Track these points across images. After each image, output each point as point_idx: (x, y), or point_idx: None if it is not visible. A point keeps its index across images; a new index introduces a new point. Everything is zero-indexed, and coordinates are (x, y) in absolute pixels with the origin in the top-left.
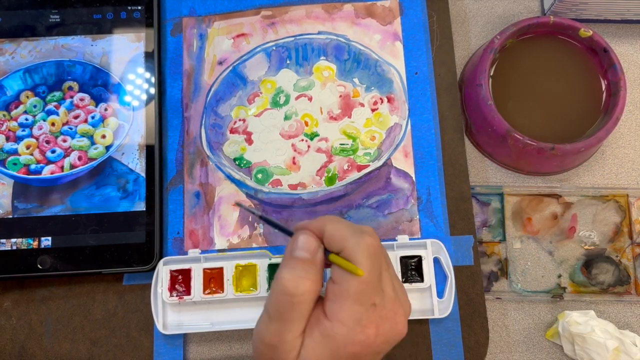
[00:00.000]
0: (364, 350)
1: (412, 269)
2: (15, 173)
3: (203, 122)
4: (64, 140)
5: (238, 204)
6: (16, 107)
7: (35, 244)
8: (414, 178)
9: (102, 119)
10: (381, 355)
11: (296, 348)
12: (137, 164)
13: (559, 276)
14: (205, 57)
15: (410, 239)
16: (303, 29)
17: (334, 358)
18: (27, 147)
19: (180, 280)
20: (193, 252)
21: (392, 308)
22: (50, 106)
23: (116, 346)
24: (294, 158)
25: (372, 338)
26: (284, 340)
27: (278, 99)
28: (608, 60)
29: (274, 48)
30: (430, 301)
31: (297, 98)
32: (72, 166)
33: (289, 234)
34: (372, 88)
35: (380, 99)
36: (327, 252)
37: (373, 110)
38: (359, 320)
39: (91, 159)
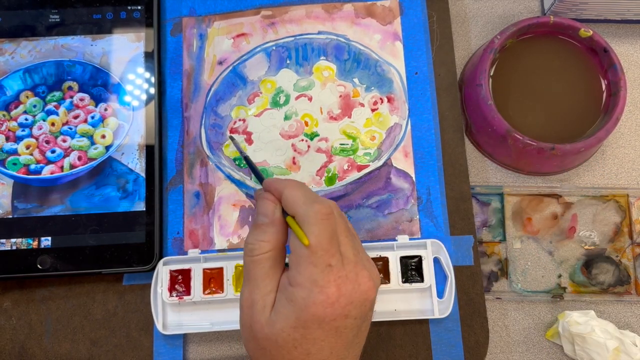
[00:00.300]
0: (327, 310)
1: (412, 269)
2: (15, 173)
3: (203, 122)
4: (64, 140)
5: (231, 138)
6: (16, 107)
7: (35, 244)
8: (414, 178)
9: (102, 119)
10: (352, 320)
11: (267, 309)
12: (137, 164)
13: (559, 276)
14: (205, 57)
15: (410, 239)
16: (303, 29)
17: (300, 321)
18: (27, 147)
19: (180, 281)
20: (193, 252)
21: (354, 269)
22: (50, 106)
23: (116, 346)
24: (294, 158)
25: (333, 297)
26: (255, 299)
27: (278, 99)
28: (608, 60)
29: (274, 48)
30: (430, 301)
31: (297, 98)
32: (72, 166)
33: (260, 180)
34: (372, 88)
35: (380, 99)
36: (286, 213)
37: (373, 110)
38: (315, 281)
39: (91, 159)
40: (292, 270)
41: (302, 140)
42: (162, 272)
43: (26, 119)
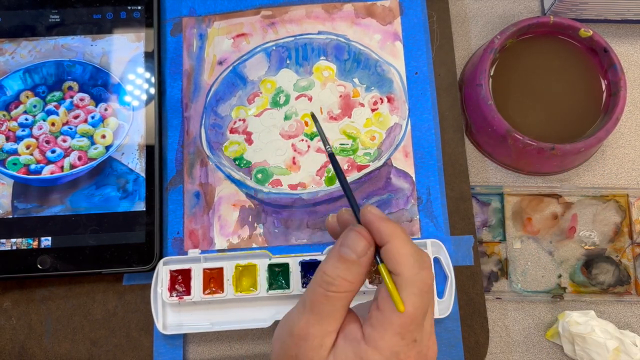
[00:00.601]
0: None
1: None
2: (15, 173)
3: (203, 122)
4: (64, 140)
5: (313, 115)
6: (16, 107)
7: (35, 244)
8: (414, 178)
9: (102, 119)
10: None
11: (324, 349)
12: (137, 164)
13: (559, 276)
14: (205, 57)
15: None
16: (303, 29)
17: None
18: (27, 147)
19: (180, 281)
20: (193, 252)
21: (427, 344)
22: (50, 106)
23: (116, 346)
24: (294, 158)
25: None
26: (312, 333)
27: (278, 99)
28: (608, 60)
29: (274, 48)
30: None
31: (297, 98)
32: (72, 166)
33: (355, 210)
34: (372, 88)
35: (380, 99)
36: (379, 256)
37: (373, 110)
38: (397, 353)
39: (91, 159)
40: (373, 331)
41: (302, 140)
42: (162, 272)
43: (26, 119)
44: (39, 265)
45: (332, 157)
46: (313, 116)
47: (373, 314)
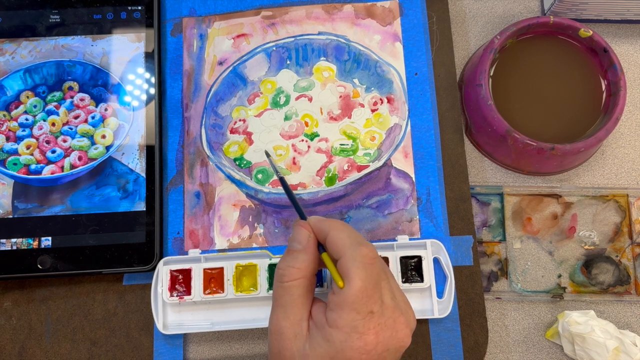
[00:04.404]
0: (363, 356)
1: (412, 269)
2: (15, 173)
3: (203, 122)
4: (64, 141)
5: (267, 154)
6: (16, 107)
7: (35, 244)
8: (413, 178)
9: (102, 119)
10: None
11: (299, 339)
12: (137, 164)
13: (559, 276)
14: (206, 57)
15: (410, 239)
16: (303, 30)
17: None
18: (27, 147)
19: (181, 280)
20: (193, 252)
21: (392, 316)
22: (51, 106)
23: (116, 346)
24: (294, 158)
25: (371, 345)
26: (284, 326)
27: (278, 99)
28: (608, 60)
29: (274, 48)
30: (430, 301)
31: (297, 98)
32: (72, 166)
33: (302, 216)
34: (372, 88)
35: (380, 99)
36: (322, 248)
37: (373, 110)
38: (356, 327)
39: (91, 159)
40: (332, 312)
41: (302, 140)
42: (163, 272)
43: (26, 119)
44: (39, 265)
45: (282, 180)
46: (267, 154)
47: (330, 298)
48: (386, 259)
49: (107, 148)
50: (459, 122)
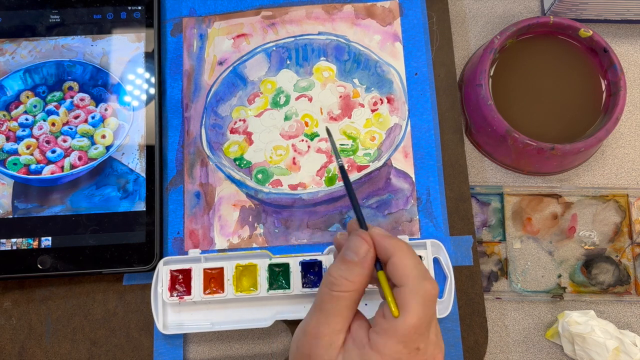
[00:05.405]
0: None
1: None
2: (15, 173)
3: (203, 122)
4: (64, 141)
5: (328, 132)
6: (16, 107)
7: (35, 244)
8: (413, 178)
9: (102, 119)
10: None
11: (333, 348)
12: (137, 164)
13: (559, 276)
14: (206, 57)
15: (410, 239)
16: (303, 30)
17: None
18: (27, 147)
19: (181, 280)
20: (193, 252)
21: (433, 352)
22: (51, 106)
23: (116, 346)
24: (294, 158)
25: None
26: (322, 332)
27: (278, 99)
28: (608, 60)
29: (274, 48)
30: None
31: (297, 98)
32: (72, 166)
33: (362, 224)
34: (372, 89)
35: (380, 99)
36: (379, 264)
37: (373, 110)
38: (399, 359)
39: (91, 159)
40: (378, 337)
41: (302, 140)
42: (163, 272)
43: (26, 119)
44: (39, 265)
45: (342, 170)
46: (328, 131)
47: (378, 321)
48: None
49: (107, 148)
50: (459, 122)
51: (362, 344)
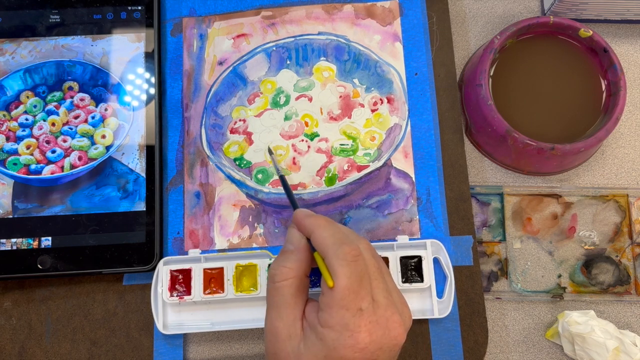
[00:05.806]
0: (356, 355)
1: (411, 269)
2: (15, 173)
3: (203, 122)
4: (64, 141)
5: (270, 151)
6: (16, 107)
7: (35, 244)
8: (413, 178)
9: (102, 119)
10: None
11: (293, 339)
12: (137, 164)
13: (559, 276)
14: (206, 57)
15: (410, 239)
16: (303, 30)
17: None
18: (27, 147)
19: (181, 280)
20: (193, 252)
21: (384, 314)
22: (51, 106)
23: (116, 346)
24: (294, 158)
25: (363, 343)
26: (278, 327)
27: (278, 99)
28: (608, 60)
29: (274, 48)
30: (430, 301)
31: (297, 98)
32: (72, 166)
33: (294, 207)
34: (372, 89)
35: (380, 99)
36: (314, 248)
37: (373, 110)
38: (346, 325)
39: (91, 159)
40: (323, 312)
41: (302, 140)
42: (163, 272)
43: (26, 119)
44: (39, 265)
45: (282, 179)
46: (270, 151)
47: (320, 299)
48: (386, 259)
49: (107, 148)
50: (459, 122)
51: (314, 324)
